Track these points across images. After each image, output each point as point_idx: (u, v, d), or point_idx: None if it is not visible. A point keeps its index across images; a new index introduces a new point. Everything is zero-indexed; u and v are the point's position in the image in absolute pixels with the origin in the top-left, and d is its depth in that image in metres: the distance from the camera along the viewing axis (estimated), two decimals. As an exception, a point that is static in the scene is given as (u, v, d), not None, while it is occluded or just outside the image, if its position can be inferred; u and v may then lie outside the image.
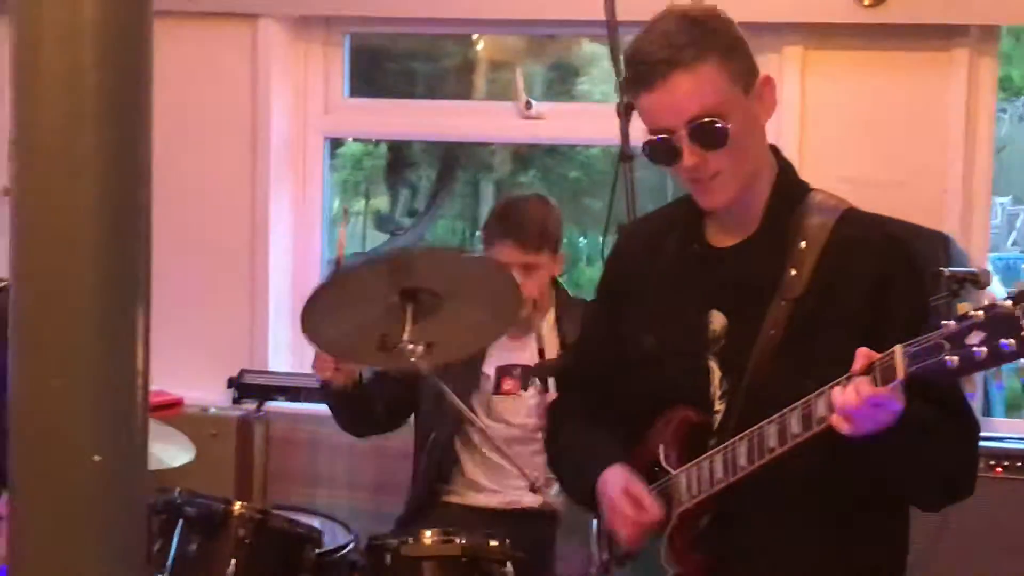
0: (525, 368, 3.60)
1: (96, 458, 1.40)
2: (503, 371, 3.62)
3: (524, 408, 3.58)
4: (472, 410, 3.50)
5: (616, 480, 2.34)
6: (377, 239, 11.26)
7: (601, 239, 3.21)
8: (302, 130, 4.44)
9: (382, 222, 11.41)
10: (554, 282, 3.66)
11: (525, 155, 9.88)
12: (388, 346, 2.92)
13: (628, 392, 2.44)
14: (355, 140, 7.43)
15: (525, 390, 3.60)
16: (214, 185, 4.35)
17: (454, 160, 10.41)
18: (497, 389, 3.61)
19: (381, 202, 11.41)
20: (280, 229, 4.43)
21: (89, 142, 1.42)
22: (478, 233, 11.34)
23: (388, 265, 2.95)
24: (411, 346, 2.92)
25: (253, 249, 4.38)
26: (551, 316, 3.64)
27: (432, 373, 3.00)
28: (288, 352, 4.48)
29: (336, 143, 5.31)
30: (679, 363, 2.34)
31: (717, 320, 2.31)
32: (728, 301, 2.30)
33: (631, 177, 3.01)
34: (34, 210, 1.43)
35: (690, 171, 2.22)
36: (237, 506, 3.14)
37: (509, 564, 3.00)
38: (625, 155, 3.02)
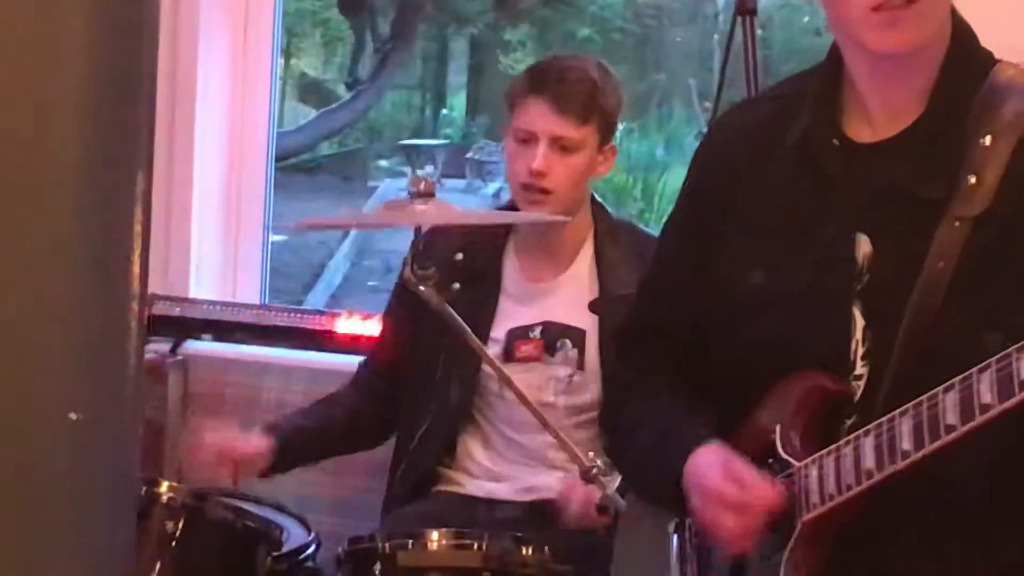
0: (550, 325, 3.61)
1: (73, 416, 1.40)
2: (516, 334, 3.62)
3: (551, 380, 3.58)
4: (481, 388, 3.55)
5: (712, 461, 2.31)
6: (299, 115, 11.11)
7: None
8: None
9: (309, 90, 11.31)
10: (592, 199, 3.67)
11: (514, 3, 9.83)
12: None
13: (725, 352, 2.42)
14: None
15: (552, 355, 3.60)
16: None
17: (414, 4, 10.32)
18: (508, 356, 3.60)
19: (307, 63, 11.29)
20: (210, 93, 4.40)
21: None
22: (444, 112, 11.31)
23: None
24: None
25: (172, 122, 4.36)
26: (588, 246, 3.63)
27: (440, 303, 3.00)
28: (217, 274, 4.46)
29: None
30: (804, 309, 2.30)
31: (861, 247, 2.28)
32: (876, 221, 2.26)
33: (752, 38, 2.97)
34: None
35: None
36: (163, 488, 3.14)
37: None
38: (745, 5, 2.98)
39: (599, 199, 3.69)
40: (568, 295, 3.58)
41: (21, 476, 1.40)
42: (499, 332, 3.59)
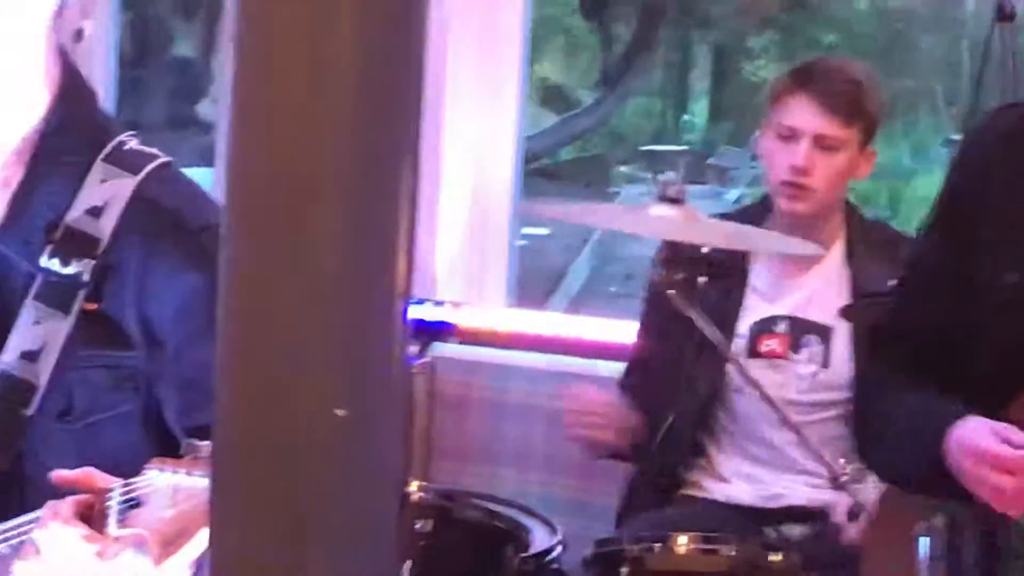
0: (797, 321, 3.58)
1: (339, 412, 1.39)
2: (761, 326, 3.60)
3: (794, 377, 3.55)
4: (724, 387, 3.54)
5: (980, 426, 2.31)
6: (541, 120, 11.13)
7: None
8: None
9: (552, 95, 11.34)
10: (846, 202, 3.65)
11: (758, 9, 9.75)
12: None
13: (979, 352, 2.41)
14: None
15: (796, 352, 3.57)
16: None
17: (657, 10, 10.29)
18: (752, 351, 3.59)
19: (550, 69, 11.32)
20: (460, 97, 4.42)
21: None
22: (685, 118, 11.27)
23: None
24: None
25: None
26: (839, 245, 3.60)
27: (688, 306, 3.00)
28: (464, 277, 4.49)
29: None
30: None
31: None
32: None
33: (1013, 44, 2.94)
34: (262, 80, 1.43)
35: None
36: (413, 487, 3.17)
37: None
38: (1004, 12, 2.94)
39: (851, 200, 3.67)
40: (816, 291, 3.56)
41: (290, 470, 1.40)
42: (744, 326, 3.58)
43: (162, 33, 10.27)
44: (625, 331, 4.04)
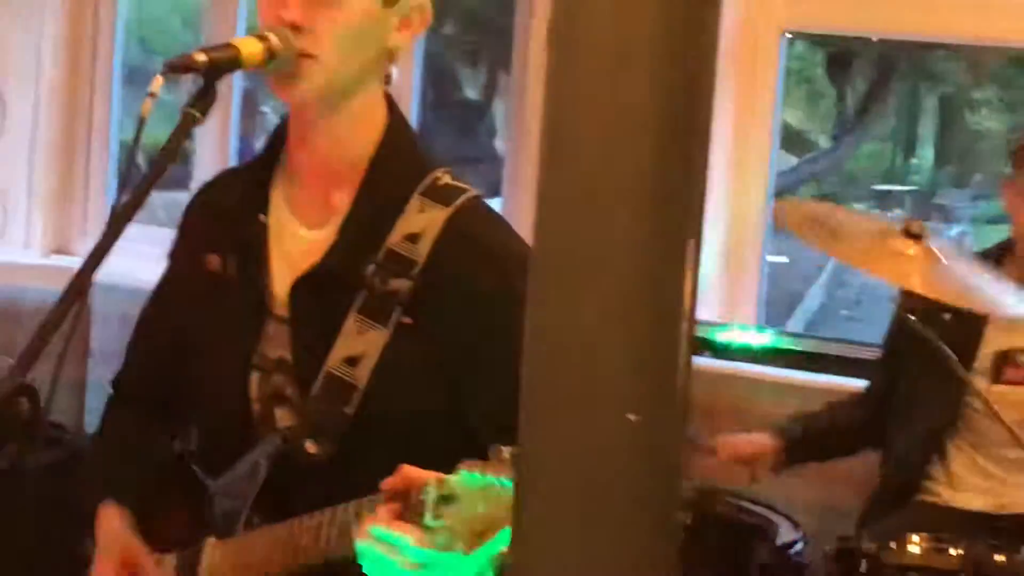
0: None
1: (631, 416, 1.35)
2: (1004, 358, 3.47)
3: None
4: (965, 406, 3.43)
5: None
6: (782, 161, 11.04)
7: None
8: (754, 22, 4.35)
9: (792, 139, 11.22)
10: None
11: (985, 61, 9.51)
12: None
13: None
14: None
15: None
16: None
17: (891, 65, 10.12)
18: (996, 377, 3.46)
19: (792, 115, 11.22)
20: (717, 137, 4.35)
21: (644, 24, 1.37)
22: (912, 162, 11.08)
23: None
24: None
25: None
26: None
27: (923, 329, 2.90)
28: (717, 295, 4.43)
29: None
30: None
31: None
32: None
33: None
34: (570, 110, 1.40)
35: None
36: (677, 484, 3.12)
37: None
38: None
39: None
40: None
41: (587, 471, 1.37)
42: (985, 354, 3.47)
43: (449, 78, 10.42)
44: (856, 350, 3.99)
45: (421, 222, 2.18)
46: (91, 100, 5.03)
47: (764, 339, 4.25)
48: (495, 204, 4.51)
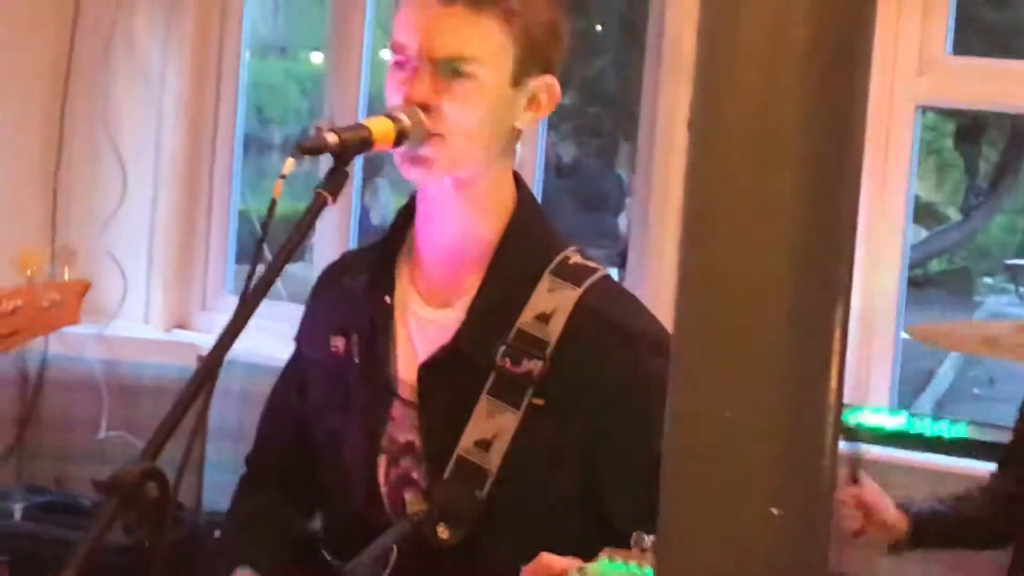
0: None
1: (775, 511, 1.35)
2: None
3: None
4: None
5: None
6: (914, 235, 10.89)
7: None
8: (887, 95, 4.32)
9: (922, 211, 11.10)
10: None
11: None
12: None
13: None
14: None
15: None
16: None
17: (1023, 136, 9.98)
18: None
19: (920, 186, 11.10)
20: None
21: (789, 115, 1.36)
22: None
23: None
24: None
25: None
26: None
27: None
28: (849, 376, 4.38)
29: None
30: None
31: None
32: None
33: None
34: (712, 196, 1.39)
35: None
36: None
37: None
38: None
39: None
40: None
41: (728, 564, 1.36)
42: None
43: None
44: (991, 433, 3.91)
45: (552, 302, 2.17)
46: (211, 171, 5.05)
47: (897, 422, 4.19)
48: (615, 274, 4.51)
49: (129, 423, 4.63)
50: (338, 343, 2.31)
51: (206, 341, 4.71)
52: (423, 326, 2.25)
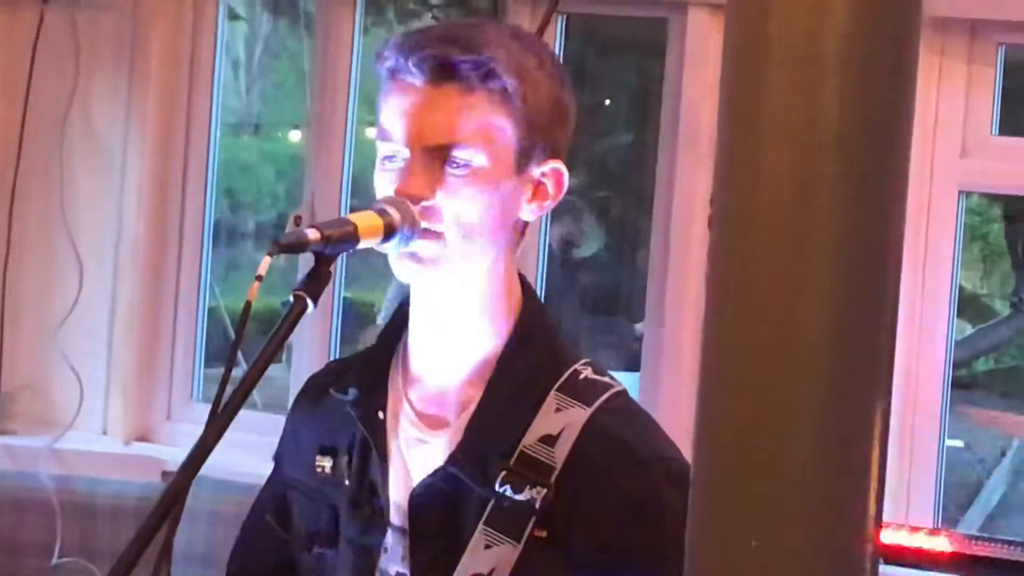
0: None
1: None
2: None
3: None
4: None
5: None
6: (955, 329, 10.90)
7: None
8: (927, 178, 4.33)
9: (966, 304, 11.12)
10: None
11: None
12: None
13: None
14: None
15: None
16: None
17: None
18: None
19: (965, 276, 11.12)
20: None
21: (824, 205, 1.36)
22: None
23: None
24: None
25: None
26: None
27: None
28: (890, 493, 4.35)
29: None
30: None
31: None
32: None
33: None
34: (737, 301, 1.39)
35: None
36: None
37: None
38: None
39: None
40: None
41: None
42: None
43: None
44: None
45: (559, 422, 2.14)
46: (178, 262, 5.03)
47: (941, 543, 4.16)
48: (632, 379, 4.50)
49: (85, 548, 4.59)
50: (325, 464, 2.28)
51: (171, 455, 4.69)
52: (415, 445, 2.21)
